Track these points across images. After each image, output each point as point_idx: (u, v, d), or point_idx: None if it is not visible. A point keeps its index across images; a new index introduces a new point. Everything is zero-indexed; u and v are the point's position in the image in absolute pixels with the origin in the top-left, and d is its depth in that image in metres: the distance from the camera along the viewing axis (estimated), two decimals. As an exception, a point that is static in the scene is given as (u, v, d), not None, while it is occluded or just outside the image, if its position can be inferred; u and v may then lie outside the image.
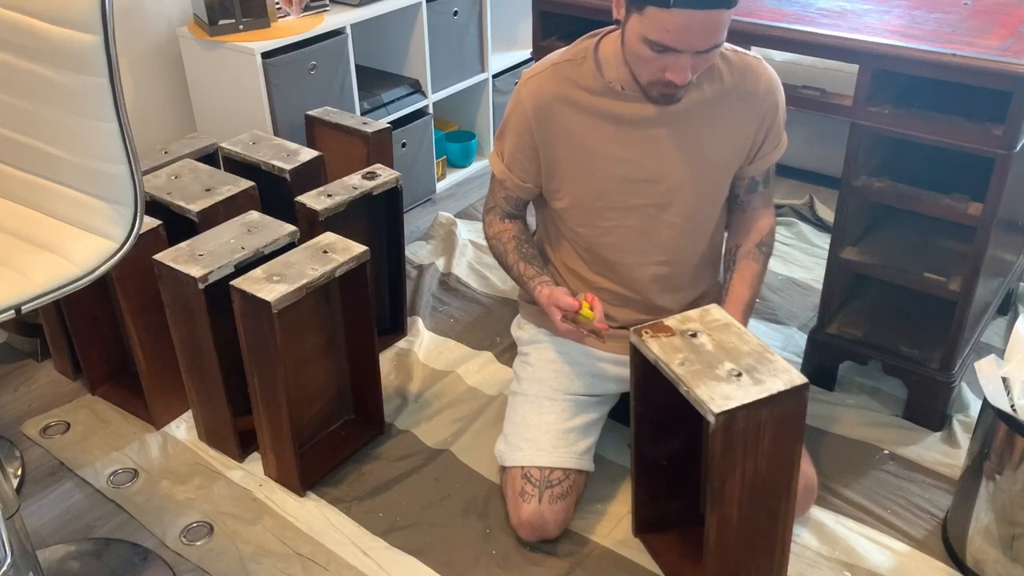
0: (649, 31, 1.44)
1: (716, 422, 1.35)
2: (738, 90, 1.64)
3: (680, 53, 1.45)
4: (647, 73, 1.52)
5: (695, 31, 1.42)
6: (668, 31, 1.42)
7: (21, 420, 2.07)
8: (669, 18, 1.40)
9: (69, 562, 1.73)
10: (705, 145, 1.65)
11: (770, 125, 1.70)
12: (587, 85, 1.63)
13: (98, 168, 1.27)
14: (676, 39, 1.43)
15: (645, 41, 1.45)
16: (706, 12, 1.40)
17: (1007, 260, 2.18)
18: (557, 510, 1.70)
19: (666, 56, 1.46)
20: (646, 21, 1.43)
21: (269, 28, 2.47)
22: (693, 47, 1.44)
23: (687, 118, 1.63)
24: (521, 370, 1.86)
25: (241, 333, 1.74)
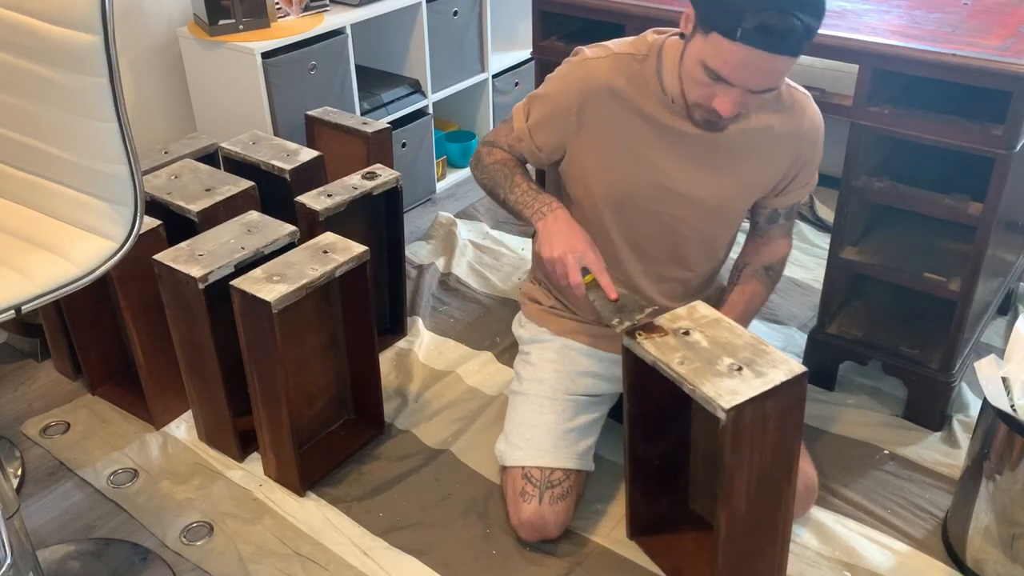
0: (709, 56, 1.41)
1: (727, 418, 1.35)
2: (782, 124, 1.62)
3: (733, 87, 1.43)
4: (696, 95, 1.49)
5: (753, 70, 1.40)
6: (727, 62, 1.39)
7: (21, 420, 2.07)
8: (732, 50, 1.37)
9: (69, 562, 1.73)
10: (739, 171, 1.65)
11: (805, 163, 1.69)
12: (642, 85, 1.60)
13: (98, 168, 1.27)
14: (732, 72, 1.40)
15: (702, 65, 1.43)
16: (770, 55, 1.37)
17: (1007, 260, 2.18)
18: (558, 510, 1.70)
19: (718, 85, 1.44)
20: (708, 46, 1.41)
21: (269, 28, 2.47)
22: (747, 85, 1.42)
23: (727, 142, 1.61)
24: (522, 369, 1.86)
25: (241, 333, 1.74)
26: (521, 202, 1.66)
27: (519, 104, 1.73)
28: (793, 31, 1.35)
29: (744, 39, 1.35)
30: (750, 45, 1.36)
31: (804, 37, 1.38)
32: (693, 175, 1.63)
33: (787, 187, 1.71)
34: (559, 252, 1.55)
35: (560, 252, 1.55)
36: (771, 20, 1.34)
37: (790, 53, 1.38)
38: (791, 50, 1.38)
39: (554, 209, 1.61)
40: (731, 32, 1.36)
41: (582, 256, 1.54)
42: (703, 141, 1.60)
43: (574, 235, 1.57)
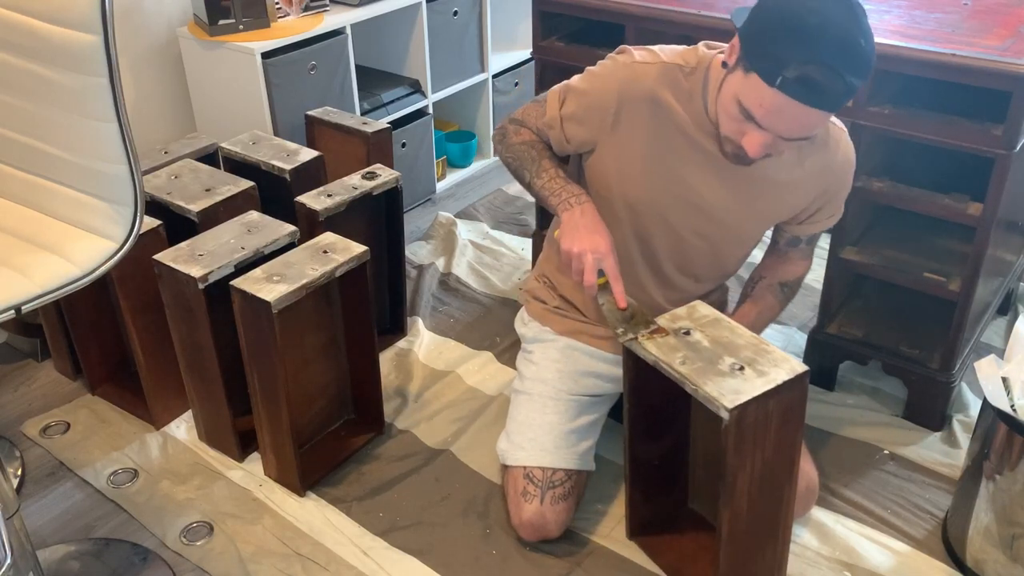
0: (745, 95, 1.38)
1: (730, 417, 1.36)
2: (815, 157, 1.60)
3: (764, 130, 1.40)
4: (727, 128, 1.47)
5: (787, 119, 1.37)
6: (762, 106, 1.36)
7: (21, 420, 2.07)
8: (768, 95, 1.34)
9: (69, 562, 1.73)
10: (766, 198, 1.63)
11: (832, 196, 1.67)
12: (685, 99, 1.56)
13: (98, 168, 1.27)
14: (765, 117, 1.37)
15: (737, 102, 1.40)
16: (808, 109, 1.34)
17: (1007, 260, 2.18)
18: (559, 510, 1.70)
19: (749, 124, 1.41)
20: (746, 85, 1.38)
21: (269, 28, 2.47)
22: (778, 132, 1.39)
23: (759, 169, 1.58)
24: (524, 368, 1.85)
25: (241, 333, 1.74)
26: (548, 188, 1.63)
27: (554, 89, 1.68)
28: (835, 88, 1.32)
29: (783, 87, 1.32)
30: (788, 95, 1.32)
31: (845, 95, 1.34)
32: (720, 196, 1.61)
33: (811, 217, 1.70)
34: (579, 248, 1.54)
35: (580, 248, 1.53)
36: (815, 74, 1.30)
37: (828, 109, 1.35)
38: (829, 106, 1.35)
39: (583, 202, 1.59)
40: (771, 78, 1.32)
41: (602, 258, 1.53)
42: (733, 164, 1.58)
43: (598, 233, 1.55)
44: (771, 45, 1.33)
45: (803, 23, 1.31)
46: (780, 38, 1.33)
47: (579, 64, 2.18)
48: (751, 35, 1.38)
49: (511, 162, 1.71)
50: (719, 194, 1.62)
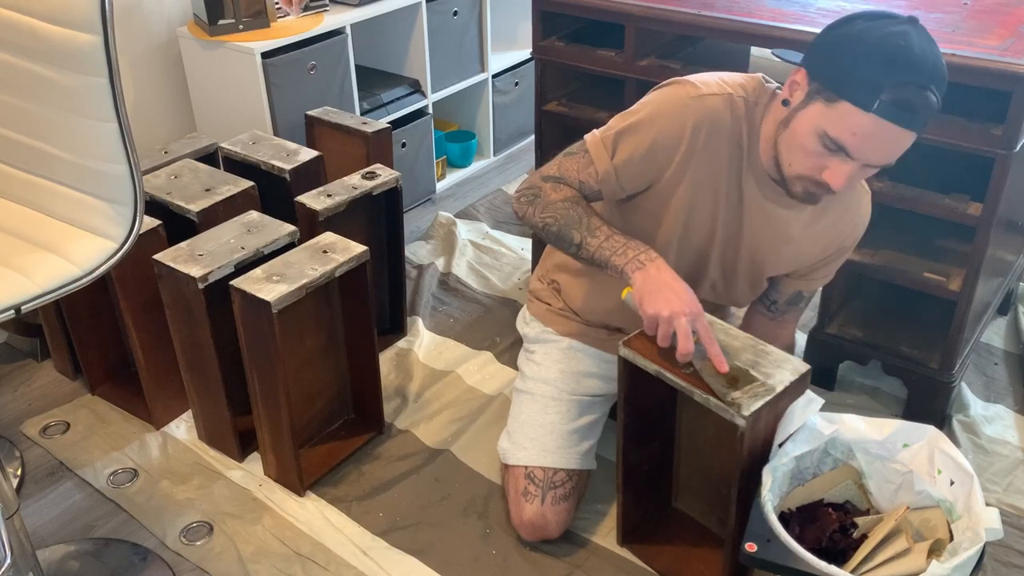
0: (832, 126, 1.33)
1: (745, 424, 1.36)
2: (841, 214, 1.59)
3: (850, 159, 1.35)
4: (802, 167, 1.40)
5: (880, 143, 1.33)
6: (855, 134, 1.32)
7: (21, 420, 2.07)
8: (863, 122, 1.31)
9: (69, 562, 1.73)
10: (790, 245, 1.60)
11: (841, 250, 1.66)
12: (742, 136, 1.50)
13: (98, 168, 1.27)
14: (859, 144, 1.33)
15: (821, 135, 1.35)
16: (903, 130, 1.32)
17: (1007, 260, 2.18)
18: (559, 511, 1.70)
19: (834, 157, 1.36)
20: (833, 115, 1.33)
21: (269, 28, 2.47)
22: (868, 159, 1.35)
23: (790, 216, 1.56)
24: (526, 367, 1.85)
25: (241, 333, 1.74)
26: (608, 248, 1.49)
27: (593, 138, 1.56)
28: (928, 106, 1.31)
29: (880, 111, 1.29)
30: (884, 118, 1.30)
31: (932, 113, 1.33)
32: (759, 239, 1.59)
33: (816, 269, 1.67)
34: (669, 312, 1.42)
35: (670, 312, 1.41)
36: (909, 95, 1.29)
37: (918, 129, 1.33)
38: (919, 125, 1.33)
39: (653, 259, 1.47)
40: (868, 103, 1.29)
41: (694, 318, 1.42)
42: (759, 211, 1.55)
43: (684, 292, 1.44)
44: (862, 71, 1.30)
45: (892, 46, 1.30)
46: (871, 64, 1.30)
47: (579, 64, 2.20)
48: (832, 65, 1.34)
49: (550, 224, 1.55)
50: (760, 237, 1.58)
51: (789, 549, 1.28)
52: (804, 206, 1.54)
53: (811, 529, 1.44)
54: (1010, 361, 2.23)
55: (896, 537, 1.41)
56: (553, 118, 2.33)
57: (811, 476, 1.50)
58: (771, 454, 1.43)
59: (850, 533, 1.45)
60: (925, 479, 1.43)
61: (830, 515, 1.47)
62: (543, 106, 2.33)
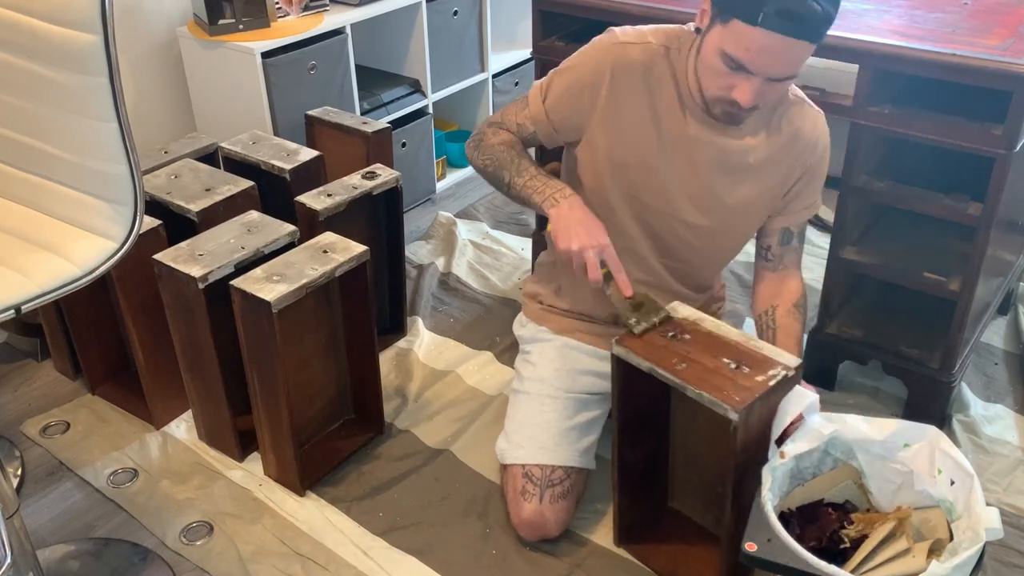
0: (728, 45, 1.42)
1: (739, 418, 1.36)
2: (792, 136, 1.62)
3: (752, 75, 1.43)
4: (714, 88, 1.49)
5: (774, 56, 1.40)
6: (748, 49, 1.40)
7: (21, 420, 2.07)
8: (752, 36, 1.38)
9: (69, 562, 1.73)
10: (755, 188, 1.64)
11: (809, 180, 1.68)
12: (668, 81, 1.58)
13: (98, 168, 1.27)
14: (753, 59, 1.41)
15: (722, 55, 1.43)
16: (793, 40, 1.38)
17: (1007, 260, 2.18)
18: (558, 509, 1.70)
19: (738, 75, 1.44)
20: (728, 34, 1.41)
21: (269, 28, 2.47)
22: (767, 72, 1.42)
23: (742, 158, 1.61)
24: (523, 368, 1.86)
25: (241, 333, 1.74)
26: (530, 187, 1.63)
27: (535, 85, 1.70)
28: (813, 15, 1.37)
29: (765, 24, 1.36)
30: (771, 30, 1.37)
31: (823, 23, 1.39)
32: (710, 176, 1.62)
33: (794, 196, 1.69)
34: (577, 245, 1.54)
35: (579, 245, 1.53)
36: (791, 5, 1.35)
37: (810, 39, 1.39)
38: (811, 35, 1.39)
39: (567, 196, 1.59)
40: (752, 18, 1.37)
41: (601, 250, 1.54)
42: (717, 149, 1.60)
43: (592, 226, 1.55)
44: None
45: None
46: None
47: (579, 64, 2.20)
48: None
49: (487, 165, 1.70)
50: (720, 177, 1.62)
51: (789, 549, 1.28)
52: (749, 134, 1.59)
53: (811, 529, 1.44)
54: (1010, 361, 2.23)
55: (896, 537, 1.41)
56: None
57: (811, 476, 1.50)
58: (769, 453, 1.43)
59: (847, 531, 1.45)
60: (925, 479, 1.43)
61: (830, 515, 1.47)
62: (543, 106, 2.32)
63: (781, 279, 1.75)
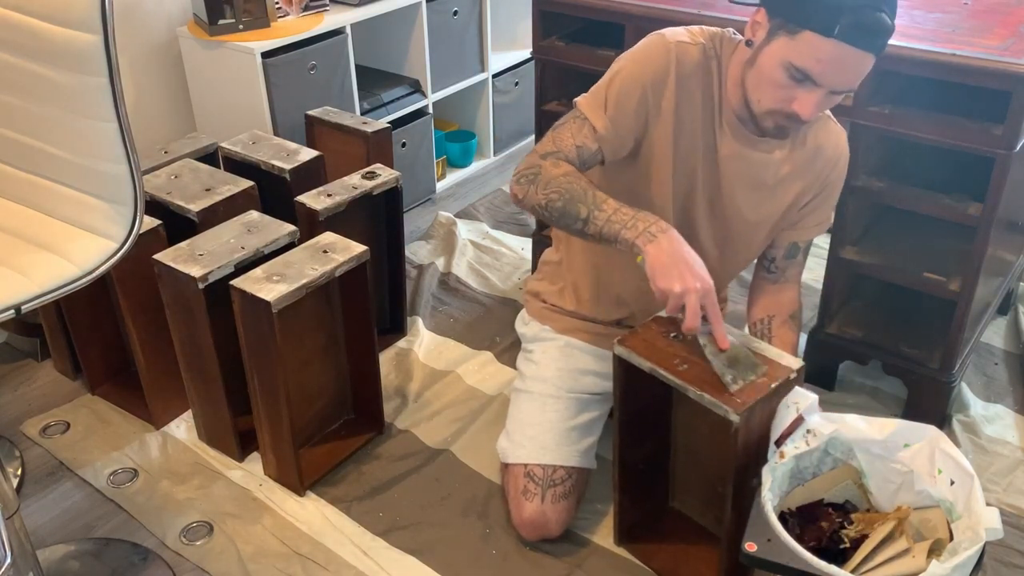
0: (797, 57, 1.38)
1: (740, 420, 1.36)
2: (815, 156, 1.62)
3: (817, 87, 1.41)
4: (772, 100, 1.45)
5: (844, 68, 1.39)
6: (820, 60, 1.37)
7: (21, 420, 2.07)
8: (825, 47, 1.36)
9: (69, 562, 1.73)
10: (773, 202, 1.63)
11: (825, 197, 1.67)
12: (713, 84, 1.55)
13: (98, 168, 1.27)
14: (824, 71, 1.38)
15: (787, 67, 1.40)
16: (863, 53, 1.37)
17: (1007, 260, 2.18)
18: (559, 509, 1.70)
19: (801, 87, 1.41)
20: (797, 45, 1.38)
21: (269, 28, 2.47)
22: (833, 84, 1.40)
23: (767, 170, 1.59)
24: (525, 367, 1.86)
25: (241, 333, 1.74)
26: (616, 221, 1.45)
27: (585, 99, 1.56)
28: (884, 28, 1.37)
29: (841, 36, 1.35)
30: (846, 42, 1.35)
31: (889, 35, 1.39)
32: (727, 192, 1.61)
33: (808, 211, 1.68)
34: (680, 287, 1.39)
35: (682, 287, 1.39)
36: (866, 17, 1.35)
37: (876, 51, 1.39)
38: (878, 48, 1.39)
39: (664, 230, 1.43)
40: (828, 29, 1.35)
41: (705, 295, 1.41)
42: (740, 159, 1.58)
43: (696, 266, 1.42)
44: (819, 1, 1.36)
45: None
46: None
47: (579, 64, 2.20)
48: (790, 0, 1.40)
49: (554, 200, 1.49)
50: (740, 187, 1.61)
51: (789, 549, 1.28)
52: (777, 148, 1.58)
53: (811, 529, 1.44)
54: (1010, 361, 2.23)
55: (896, 537, 1.41)
56: (553, 118, 2.29)
57: (811, 476, 1.50)
58: (768, 453, 1.43)
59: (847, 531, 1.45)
60: (925, 479, 1.43)
61: (830, 515, 1.47)
62: (543, 106, 2.33)
63: (779, 290, 1.75)
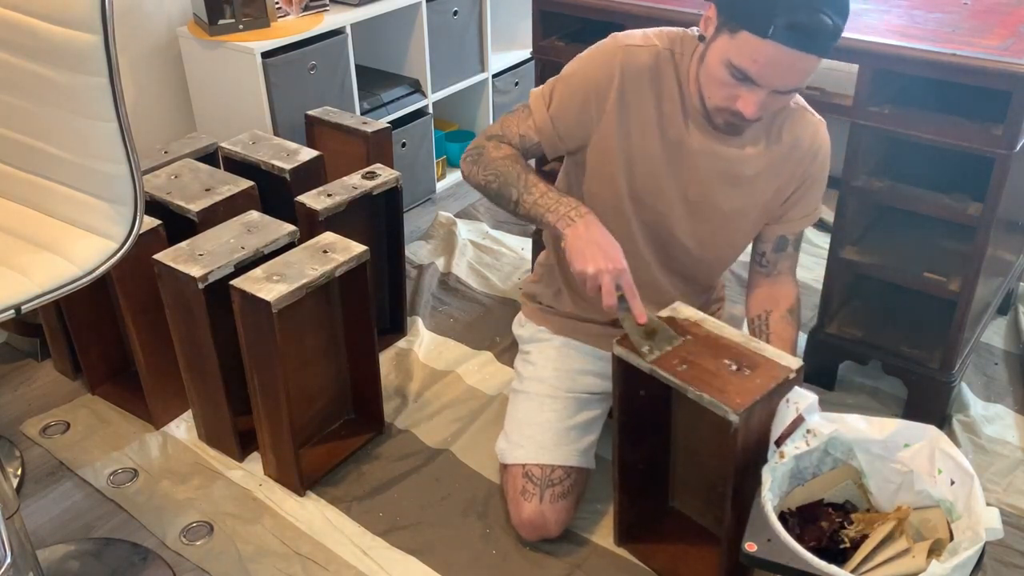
0: (736, 56, 1.39)
1: (739, 420, 1.36)
2: (791, 145, 1.61)
3: (758, 87, 1.41)
4: (718, 97, 1.47)
5: (781, 69, 1.39)
6: (756, 61, 1.38)
7: (21, 420, 2.07)
8: (761, 48, 1.36)
9: (69, 562, 1.73)
10: (750, 197, 1.63)
11: (808, 188, 1.66)
12: (672, 84, 1.56)
13: (98, 168, 1.27)
14: (761, 72, 1.39)
15: (728, 65, 1.41)
16: (801, 54, 1.36)
17: (1007, 260, 2.18)
18: (558, 509, 1.70)
19: (743, 86, 1.42)
20: (736, 45, 1.39)
21: (269, 28, 2.47)
22: (773, 84, 1.41)
23: (742, 169, 1.60)
24: (522, 368, 1.86)
25: (241, 333, 1.74)
26: (541, 204, 1.55)
27: (535, 93, 1.64)
28: (824, 29, 1.36)
29: (775, 37, 1.35)
30: (781, 43, 1.35)
31: (832, 37, 1.38)
32: (702, 186, 1.62)
33: (791, 205, 1.68)
34: (594, 268, 1.47)
35: (595, 268, 1.47)
36: (802, 18, 1.34)
37: (818, 53, 1.38)
38: (820, 49, 1.38)
39: (583, 214, 1.51)
40: (763, 30, 1.35)
41: (618, 274, 1.47)
42: (717, 157, 1.58)
43: (610, 247, 1.49)
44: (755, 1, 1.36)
45: None
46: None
47: (579, 64, 2.19)
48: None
49: (490, 182, 1.62)
50: (717, 183, 1.61)
51: (789, 549, 1.28)
52: (750, 143, 1.58)
53: (811, 529, 1.44)
54: (1010, 361, 2.23)
55: (896, 537, 1.41)
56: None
57: (811, 476, 1.50)
58: (768, 453, 1.43)
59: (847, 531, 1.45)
60: (925, 479, 1.43)
61: (830, 515, 1.47)
62: (543, 106, 2.32)
63: (775, 285, 1.74)
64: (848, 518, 1.47)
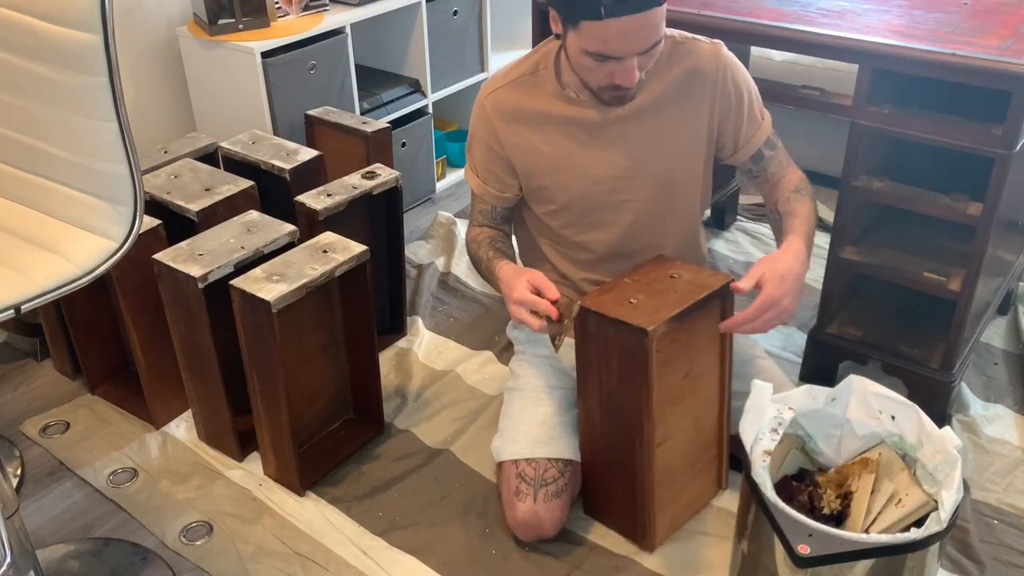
0: (588, 44, 1.46)
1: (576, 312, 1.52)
2: (688, 73, 1.65)
3: (623, 59, 1.47)
4: (596, 80, 1.54)
5: (633, 35, 1.44)
6: (607, 41, 1.44)
7: (21, 420, 2.07)
8: (605, 29, 1.42)
9: (69, 562, 1.73)
10: (671, 132, 1.68)
11: (739, 104, 1.69)
12: (548, 95, 1.67)
13: (98, 168, 1.27)
14: (616, 48, 1.45)
15: (586, 53, 1.48)
16: (641, 15, 1.41)
17: (1007, 260, 2.18)
18: (552, 508, 1.70)
19: (610, 63, 1.48)
20: (583, 35, 1.45)
21: (269, 28, 2.47)
22: (634, 51, 1.47)
23: (646, 111, 1.65)
24: (517, 367, 1.86)
25: (241, 333, 1.74)
26: (488, 272, 1.73)
27: (465, 170, 1.83)
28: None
29: (610, 13, 1.40)
30: (618, 15, 1.40)
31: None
32: (632, 155, 1.67)
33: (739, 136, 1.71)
34: (509, 308, 1.60)
35: (512, 314, 1.59)
36: None
37: (656, 4, 1.42)
38: (655, 1, 1.42)
39: (500, 267, 1.68)
40: (595, 14, 1.40)
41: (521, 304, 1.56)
42: (625, 118, 1.65)
43: (510, 288, 1.59)
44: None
45: None
46: None
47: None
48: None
49: (473, 263, 1.83)
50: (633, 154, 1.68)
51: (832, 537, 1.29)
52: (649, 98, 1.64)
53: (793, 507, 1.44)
54: (1010, 361, 2.23)
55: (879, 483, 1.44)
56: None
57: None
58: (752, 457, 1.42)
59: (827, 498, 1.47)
60: (869, 422, 1.48)
61: (800, 488, 1.50)
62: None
63: (776, 181, 1.78)
64: (815, 484, 1.48)
